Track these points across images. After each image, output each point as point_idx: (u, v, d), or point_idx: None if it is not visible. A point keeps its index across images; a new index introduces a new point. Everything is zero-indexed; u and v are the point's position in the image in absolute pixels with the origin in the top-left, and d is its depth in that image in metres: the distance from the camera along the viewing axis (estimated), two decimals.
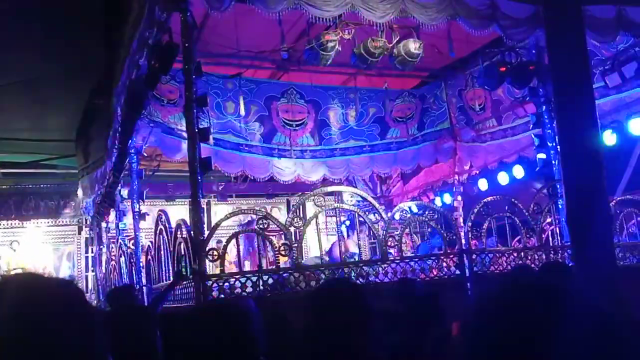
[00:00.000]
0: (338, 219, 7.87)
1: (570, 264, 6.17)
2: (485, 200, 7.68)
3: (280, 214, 13.49)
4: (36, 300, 1.11)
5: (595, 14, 7.26)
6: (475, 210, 7.54)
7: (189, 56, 6.22)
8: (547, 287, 1.13)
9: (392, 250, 7.12)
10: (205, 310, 2.30)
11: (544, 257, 7.53)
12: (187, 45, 6.18)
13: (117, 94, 8.18)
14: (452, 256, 7.21)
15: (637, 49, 8.42)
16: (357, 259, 8.79)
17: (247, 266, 8.28)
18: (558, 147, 6.00)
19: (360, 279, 6.64)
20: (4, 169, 13.73)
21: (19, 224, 13.67)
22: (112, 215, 11.15)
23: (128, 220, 9.98)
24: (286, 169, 11.03)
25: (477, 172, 11.82)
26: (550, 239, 8.41)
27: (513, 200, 7.76)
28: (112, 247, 11.47)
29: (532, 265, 7.40)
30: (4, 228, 13.56)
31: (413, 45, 8.12)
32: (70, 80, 9.60)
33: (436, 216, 8.84)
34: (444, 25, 7.28)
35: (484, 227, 7.54)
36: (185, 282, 6.23)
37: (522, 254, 7.46)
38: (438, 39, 8.10)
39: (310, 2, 6.51)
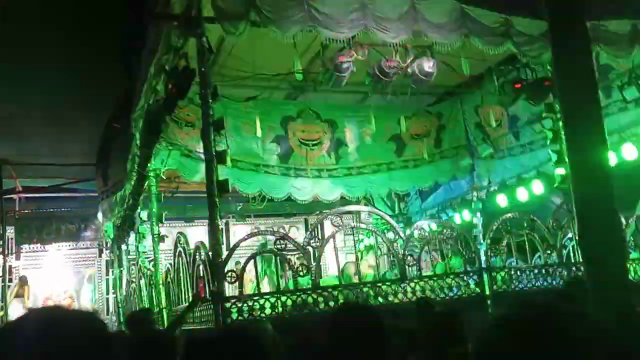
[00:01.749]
0: (355, 238, 7.89)
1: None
2: (504, 217, 7.64)
3: (298, 233, 13.51)
4: (58, 335, 1.14)
5: (610, 29, 7.24)
6: (494, 227, 7.50)
7: (205, 80, 6.31)
8: (559, 309, 1.13)
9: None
10: (221, 335, 2.31)
11: (565, 273, 7.44)
12: (203, 69, 6.27)
13: (135, 118, 8.30)
14: (471, 274, 7.16)
15: None
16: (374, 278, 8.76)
17: None
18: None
19: (380, 299, 6.62)
20: (26, 193, 13.95)
21: (40, 247, 13.83)
22: (131, 238, 11.24)
23: (147, 242, 10.05)
24: (303, 189, 11.06)
25: (496, 188, 11.74)
26: (572, 255, 8.31)
27: (532, 216, 7.70)
28: (132, 270, 11.56)
29: (554, 282, 7.34)
30: (27, 252, 13.73)
31: (427, 64, 8.15)
32: (89, 105, 9.77)
33: (455, 234, 8.77)
34: (458, 43, 7.30)
35: (503, 244, 7.48)
36: (204, 304, 6.26)
37: (543, 270, 7.39)
38: (452, 56, 8.12)
39: (324, 25, 6.58)
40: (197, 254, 6.43)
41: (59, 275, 13.81)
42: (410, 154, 11.70)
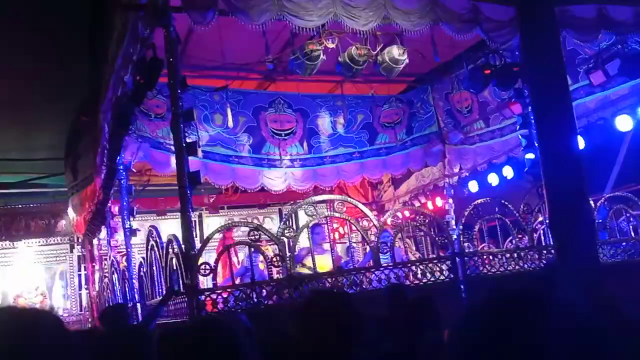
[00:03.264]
0: (329, 227, 7.90)
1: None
2: (475, 202, 7.71)
3: (273, 223, 13.46)
4: (13, 335, 1.10)
5: (576, 14, 7.31)
6: (466, 213, 7.56)
7: (173, 71, 6.22)
8: (532, 295, 1.13)
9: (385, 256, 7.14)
10: (192, 327, 2.28)
11: (536, 256, 7.55)
12: (171, 60, 6.18)
13: (103, 111, 8.16)
14: (444, 260, 7.22)
15: (620, 47, 8.48)
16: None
17: None
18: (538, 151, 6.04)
19: (354, 287, 6.64)
20: None
21: (9, 244, 13.55)
22: (103, 233, 11.09)
23: (119, 236, 9.93)
24: (276, 179, 11.01)
25: (467, 174, 11.85)
26: (542, 238, 8.44)
27: (503, 201, 7.79)
28: (105, 265, 11.42)
29: (525, 266, 7.45)
30: None
31: (397, 52, 8.16)
32: (56, 98, 9.58)
33: (427, 220, 8.85)
34: (427, 30, 7.31)
35: (475, 229, 7.56)
36: (178, 297, 6.21)
37: (515, 254, 7.49)
38: (422, 44, 8.13)
39: (293, 13, 6.52)
40: (170, 247, 6.37)
41: (30, 273, 13.56)
42: (382, 142, 11.73)
